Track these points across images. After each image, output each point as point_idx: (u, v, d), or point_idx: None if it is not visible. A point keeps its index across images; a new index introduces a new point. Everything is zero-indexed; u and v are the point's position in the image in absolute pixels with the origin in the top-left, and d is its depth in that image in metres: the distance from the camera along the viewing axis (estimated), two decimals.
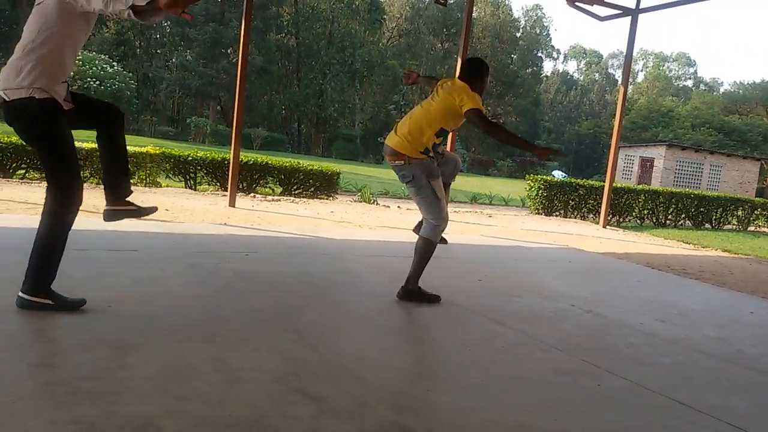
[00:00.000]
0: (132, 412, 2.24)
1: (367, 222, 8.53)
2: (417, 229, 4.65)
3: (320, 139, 45.93)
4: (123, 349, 2.85)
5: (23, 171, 9.37)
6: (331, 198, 11.89)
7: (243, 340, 3.19)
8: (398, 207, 11.43)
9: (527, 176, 15.03)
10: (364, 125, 46.93)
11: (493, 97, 53.15)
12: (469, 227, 9.30)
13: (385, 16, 48.50)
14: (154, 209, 3.64)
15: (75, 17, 3.12)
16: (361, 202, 12.00)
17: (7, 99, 3.05)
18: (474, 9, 10.22)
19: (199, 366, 2.74)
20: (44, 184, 3.25)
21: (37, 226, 3.20)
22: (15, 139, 9.28)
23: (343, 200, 11.92)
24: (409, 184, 4.23)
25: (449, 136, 10.38)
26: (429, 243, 4.27)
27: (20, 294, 3.20)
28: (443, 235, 4.47)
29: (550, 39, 68.58)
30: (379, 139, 44.60)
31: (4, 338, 2.87)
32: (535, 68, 60.87)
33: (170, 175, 11.13)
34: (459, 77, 4.28)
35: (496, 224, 10.29)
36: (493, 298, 4.70)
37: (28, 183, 8.61)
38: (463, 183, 19.43)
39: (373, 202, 11.98)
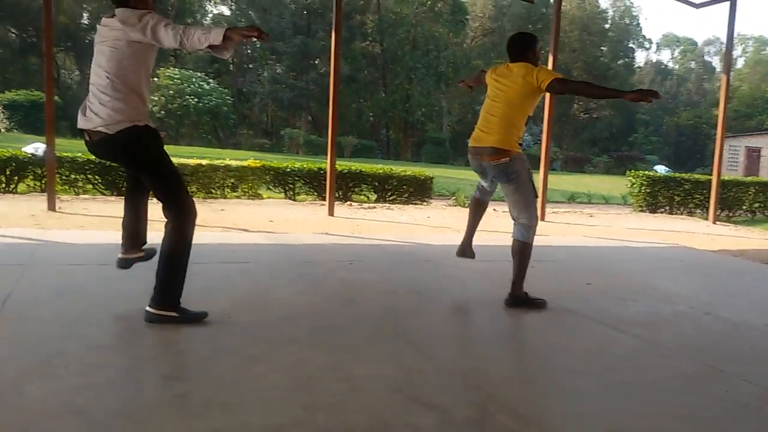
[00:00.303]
0: (262, 422, 2.32)
1: (465, 226, 8.47)
2: (461, 251, 4.67)
3: (409, 143, 46.07)
4: (247, 359, 2.96)
5: None
6: (425, 203, 11.91)
7: (358, 348, 3.25)
8: (494, 210, 11.29)
9: (628, 172, 14.51)
10: (452, 128, 46.70)
11: None
12: (570, 228, 9.08)
13: (468, 17, 48.13)
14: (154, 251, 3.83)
15: (146, 51, 3.31)
16: (455, 206, 11.96)
17: (110, 133, 3.24)
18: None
19: (320, 375, 2.81)
20: (155, 201, 3.45)
21: (161, 244, 3.38)
22: None
23: (437, 205, 11.92)
24: (511, 182, 4.12)
25: (545, 134, 10.18)
26: (526, 245, 4.18)
27: (147, 308, 3.38)
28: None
29: (641, 29, 66.02)
30: (468, 140, 44.12)
31: (138, 351, 3.05)
32: (627, 59, 58.72)
33: (270, 187, 11.47)
34: (514, 60, 4.14)
35: (599, 224, 9.99)
36: (605, 302, 4.56)
37: None
38: (558, 182, 18.99)
39: (468, 206, 11.90)
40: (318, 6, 38.77)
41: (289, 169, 11.32)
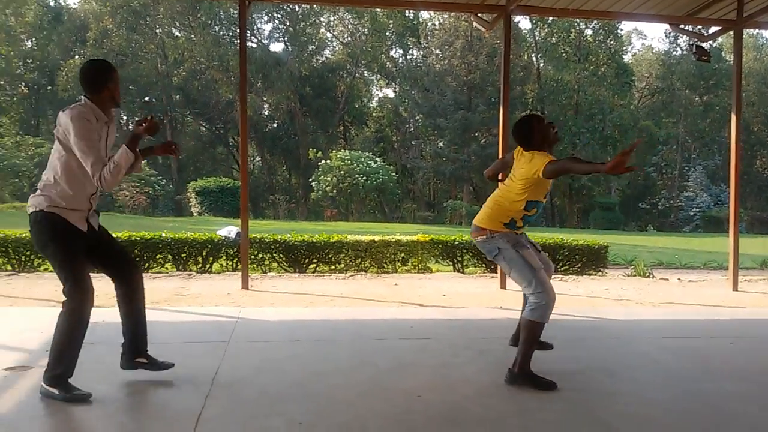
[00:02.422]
0: None
1: (648, 298, 8.01)
2: (513, 341, 4.35)
3: (574, 209, 44.77)
4: None
5: (314, 265, 10.48)
6: (600, 273, 11.41)
7: (550, 431, 3.16)
8: (678, 279, 10.57)
9: None
10: (622, 191, 44.87)
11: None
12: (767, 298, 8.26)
13: (634, 78, 46.70)
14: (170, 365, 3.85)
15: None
16: (634, 275, 11.33)
17: (28, 212, 3.50)
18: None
19: None
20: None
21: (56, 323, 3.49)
22: (307, 237, 10.48)
23: (613, 275, 11.37)
24: (497, 258, 4.08)
25: (732, 195, 9.41)
26: (535, 325, 3.90)
27: (42, 383, 3.47)
28: (544, 339, 4.16)
29: None
30: (640, 204, 42.16)
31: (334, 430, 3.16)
32: None
33: (439, 260, 11.61)
34: (525, 149, 4.03)
35: None
36: None
37: (320, 276, 9.59)
38: (746, 245, 17.42)
39: (649, 275, 11.23)
40: (479, 82, 39.57)
41: (457, 242, 11.41)
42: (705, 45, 9.60)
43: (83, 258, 3.53)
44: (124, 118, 45.49)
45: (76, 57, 39.60)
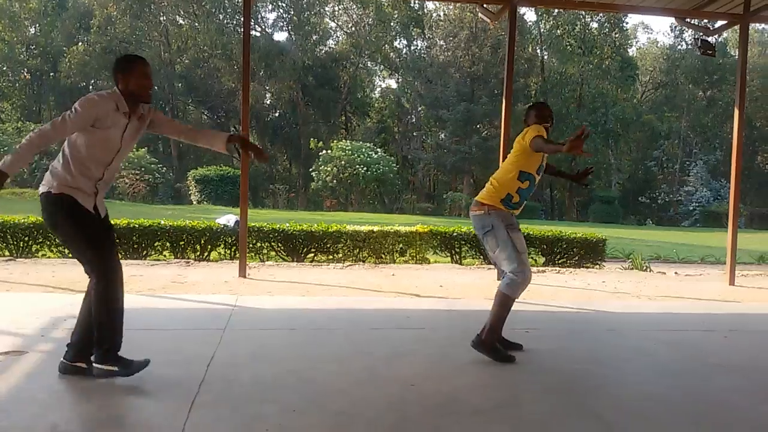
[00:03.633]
0: None
1: (645, 292, 8.03)
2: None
3: (574, 203, 44.77)
4: (433, 430, 2.99)
5: (312, 255, 10.50)
6: (597, 266, 11.42)
7: (544, 422, 3.17)
8: (675, 273, 10.58)
9: None
10: (622, 185, 44.80)
11: None
12: (764, 293, 8.27)
13: (638, 72, 46.56)
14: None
15: (88, 132, 3.40)
16: (631, 269, 11.34)
17: (39, 193, 3.46)
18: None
19: None
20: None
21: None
22: (306, 226, 10.49)
23: (611, 268, 11.38)
24: (488, 234, 4.25)
25: (733, 189, 9.41)
26: (507, 298, 4.20)
27: (93, 364, 3.47)
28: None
29: None
30: (639, 198, 42.15)
31: (328, 417, 3.18)
32: None
33: (437, 251, 11.62)
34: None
35: None
36: None
37: (318, 266, 9.61)
38: (744, 241, 17.41)
39: (646, 269, 11.24)
40: (482, 74, 39.48)
41: (455, 234, 11.42)
42: (710, 39, 9.57)
43: (101, 236, 3.48)
44: None
45: (80, 44, 39.49)
